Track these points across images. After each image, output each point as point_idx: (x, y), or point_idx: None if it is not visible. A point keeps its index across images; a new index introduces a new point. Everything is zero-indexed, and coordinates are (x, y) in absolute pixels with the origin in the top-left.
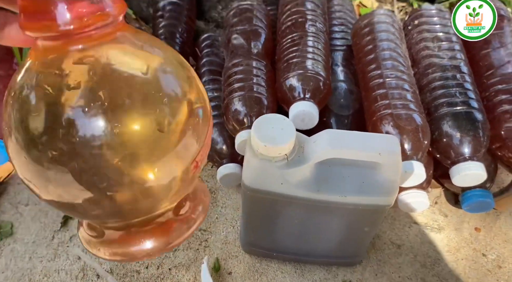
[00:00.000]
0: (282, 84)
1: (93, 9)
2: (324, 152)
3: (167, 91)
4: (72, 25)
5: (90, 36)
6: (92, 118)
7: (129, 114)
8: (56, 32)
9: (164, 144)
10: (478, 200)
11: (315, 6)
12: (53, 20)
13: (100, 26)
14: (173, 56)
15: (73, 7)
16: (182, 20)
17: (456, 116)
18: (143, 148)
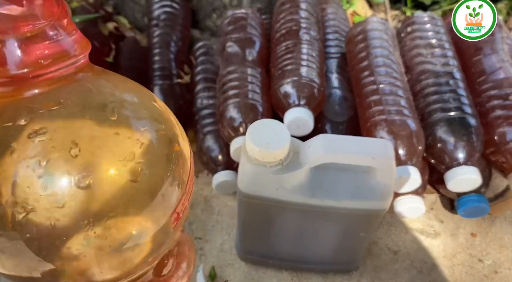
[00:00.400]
0: (277, 91)
1: (50, 50)
2: (319, 156)
3: (138, 136)
4: (26, 68)
5: (48, 79)
6: (48, 176)
7: (95, 166)
8: (8, 77)
9: (137, 198)
10: (473, 205)
11: (309, 15)
12: (4, 64)
13: (59, 68)
14: (145, 95)
15: (26, 48)
16: (177, 29)
17: (449, 121)
18: (114, 204)
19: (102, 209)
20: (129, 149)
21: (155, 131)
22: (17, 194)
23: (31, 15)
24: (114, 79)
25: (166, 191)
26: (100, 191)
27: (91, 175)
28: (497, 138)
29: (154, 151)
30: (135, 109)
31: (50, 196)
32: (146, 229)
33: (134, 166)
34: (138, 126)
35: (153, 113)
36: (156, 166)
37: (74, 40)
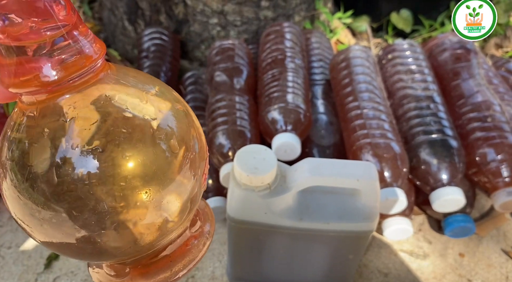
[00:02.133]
0: (264, 117)
1: (75, 56)
2: (305, 180)
3: (163, 126)
4: (56, 77)
5: (75, 83)
6: (85, 157)
7: (125, 151)
8: (41, 86)
9: (172, 168)
10: (459, 225)
11: (294, 44)
12: (37, 76)
13: (85, 72)
14: (164, 89)
15: (55, 60)
16: (166, 60)
17: (432, 143)
18: (145, 181)
19: (135, 187)
20: (155, 138)
21: (182, 104)
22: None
23: (57, 25)
24: (132, 74)
25: (201, 159)
26: (129, 171)
27: (120, 160)
28: (478, 159)
29: (183, 119)
30: (155, 102)
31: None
32: (188, 187)
33: (174, 142)
34: (163, 118)
35: (172, 93)
36: (188, 133)
37: (93, 43)
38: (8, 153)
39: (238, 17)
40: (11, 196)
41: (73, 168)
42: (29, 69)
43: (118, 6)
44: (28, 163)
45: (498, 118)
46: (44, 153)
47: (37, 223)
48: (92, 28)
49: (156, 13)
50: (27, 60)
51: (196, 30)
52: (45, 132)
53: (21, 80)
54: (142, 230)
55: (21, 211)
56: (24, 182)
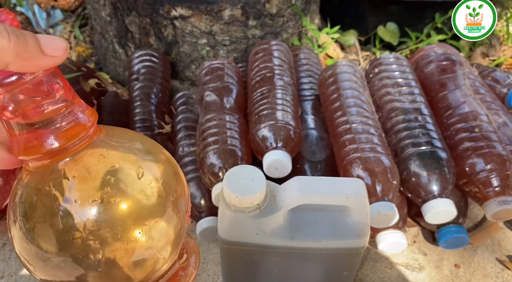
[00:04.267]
0: (255, 135)
1: (73, 126)
2: (295, 198)
3: (149, 178)
4: (58, 144)
5: (73, 147)
6: (85, 209)
7: (120, 199)
8: (45, 154)
9: (159, 210)
10: (453, 236)
11: (282, 62)
12: (42, 145)
13: (82, 138)
14: (149, 145)
15: (57, 131)
16: (156, 81)
17: (421, 155)
18: (138, 223)
19: (133, 231)
20: (151, 172)
21: (167, 162)
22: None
23: (57, 102)
24: (118, 134)
25: (183, 200)
26: (125, 216)
27: (115, 209)
28: (468, 169)
29: (167, 169)
30: (147, 151)
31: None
32: (173, 224)
33: (159, 188)
34: (151, 155)
35: (156, 146)
36: (171, 180)
37: (87, 113)
38: (19, 204)
39: (227, 36)
40: (19, 240)
41: (75, 218)
42: (35, 140)
43: (108, 29)
44: (35, 216)
45: (485, 128)
46: (50, 207)
47: (41, 264)
48: (83, 52)
49: (145, 35)
50: (34, 133)
51: (186, 51)
52: (51, 190)
53: (28, 149)
54: (137, 266)
55: (27, 253)
56: (31, 231)
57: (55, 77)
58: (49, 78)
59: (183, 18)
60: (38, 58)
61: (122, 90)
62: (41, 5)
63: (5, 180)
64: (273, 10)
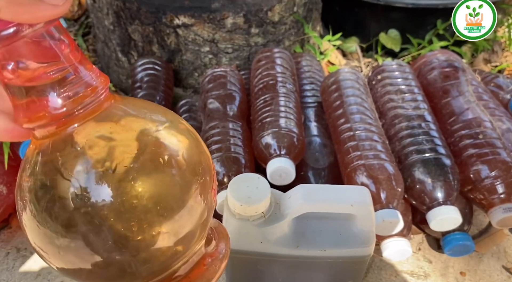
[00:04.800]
0: (258, 143)
1: (81, 87)
2: (300, 207)
3: (171, 150)
4: (65, 109)
5: (83, 113)
6: (98, 181)
7: (137, 178)
8: (51, 119)
9: (182, 186)
10: (458, 244)
11: (284, 69)
12: (48, 110)
13: (91, 102)
14: (172, 117)
15: (64, 95)
16: (159, 89)
17: (425, 162)
18: (158, 206)
19: (151, 212)
20: (165, 161)
21: (189, 132)
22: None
23: (65, 66)
24: (135, 102)
25: (209, 175)
26: (143, 197)
27: (134, 187)
28: (473, 176)
29: (193, 147)
30: (161, 127)
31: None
32: (199, 211)
33: (182, 160)
34: (170, 141)
35: (180, 121)
36: (198, 160)
37: (96, 75)
38: (27, 186)
39: (229, 44)
40: (31, 226)
41: (87, 193)
42: (40, 105)
43: (111, 38)
44: (45, 193)
45: (489, 134)
46: (59, 181)
47: (55, 250)
48: None
49: (148, 44)
50: (38, 98)
51: (189, 59)
52: (59, 162)
53: (32, 115)
54: (156, 254)
55: (40, 239)
56: (42, 211)
57: (59, 33)
58: (52, 33)
59: (186, 27)
60: (35, 5)
61: None
62: None
63: (9, 189)
64: (275, 18)
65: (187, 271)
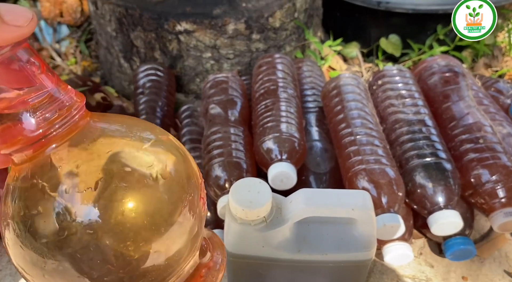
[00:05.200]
0: (259, 148)
1: (57, 109)
2: (301, 211)
3: (156, 167)
4: (41, 130)
5: (60, 133)
6: (85, 206)
7: (122, 196)
8: (27, 142)
9: (167, 199)
10: (459, 248)
11: (285, 74)
12: (23, 133)
13: (67, 121)
14: (155, 130)
15: (38, 115)
16: (161, 95)
17: (426, 167)
18: (145, 225)
19: (137, 231)
20: (145, 177)
21: (169, 142)
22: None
23: (35, 85)
24: (114, 120)
25: (195, 185)
26: (128, 216)
27: (118, 206)
28: (473, 180)
29: (175, 154)
30: (146, 132)
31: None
32: (188, 227)
33: (165, 172)
34: (148, 156)
35: (162, 132)
36: (179, 167)
37: (71, 95)
38: (11, 205)
39: (231, 50)
40: (14, 246)
41: (71, 214)
42: (15, 130)
43: (113, 44)
44: (28, 214)
45: (490, 139)
46: (41, 203)
47: (39, 273)
48: (88, 66)
49: (150, 50)
50: (13, 123)
51: (190, 65)
52: (39, 183)
53: (7, 140)
54: (147, 271)
55: (23, 261)
56: (26, 232)
57: (27, 54)
58: (20, 55)
59: (188, 33)
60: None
61: (127, 103)
62: (48, 21)
63: None
64: (276, 24)
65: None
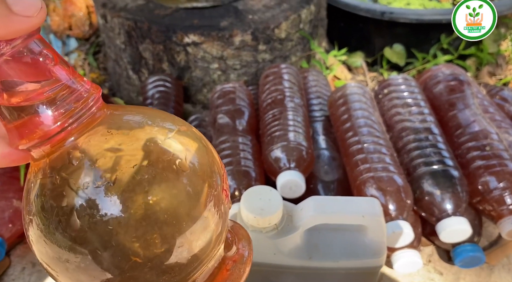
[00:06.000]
0: (268, 156)
1: (73, 100)
2: (311, 218)
3: (180, 158)
4: (58, 123)
5: (77, 126)
6: (107, 199)
7: (146, 188)
8: (45, 137)
9: (190, 192)
10: (468, 255)
11: (292, 84)
12: (40, 128)
13: (84, 113)
14: (176, 121)
15: (55, 109)
16: (170, 106)
17: (433, 174)
18: (170, 219)
19: (160, 225)
20: (172, 172)
21: (191, 133)
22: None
23: (50, 77)
24: (134, 110)
25: (218, 176)
26: (152, 210)
27: (141, 199)
28: (481, 187)
29: (204, 155)
30: (166, 123)
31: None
32: (212, 223)
33: (186, 164)
34: (174, 148)
35: (183, 123)
36: (202, 159)
37: (86, 85)
38: (33, 201)
39: (237, 61)
40: (37, 241)
41: (93, 208)
42: (33, 124)
43: (122, 56)
44: (50, 209)
45: (496, 146)
46: (62, 197)
47: (62, 267)
48: (97, 78)
49: (159, 61)
50: (30, 117)
51: (198, 75)
52: (60, 178)
53: (24, 135)
54: (170, 268)
55: (47, 255)
56: (49, 226)
57: (39, 46)
58: (32, 47)
59: (195, 45)
60: (6, 19)
61: None
62: (57, 34)
63: None
64: (282, 35)
65: (209, 277)
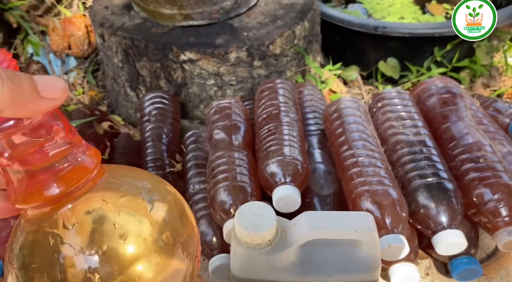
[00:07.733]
0: (263, 171)
1: (76, 173)
2: (305, 234)
3: (155, 222)
4: (59, 190)
5: (76, 192)
6: (87, 259)
7: (122, 248)
8: (45, 201)
9: (165, 257)
10: (465, 268)
11: (287, 99)
12: (41, 192)
13: (85, 182)
14: (155, 183)
15: (58, 175)
16: (167, 122)
17: (428, 187)
18: (142, 271)
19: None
20: (157, 215)
21: (174, 204)
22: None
23: (58, 146)
24: (123, 173)
25: (192, 244)
26: (129, 267)
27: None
28: (476, 199)
29: (174, 210)
30: (152, 194)
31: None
32: (183, 267)
33: (166, 233)
34: (157, 195)
35: (162, 185)
36: (179, 229)
37: (89, 154)
38: (17, 253)
39: (233, 77)
40: None
41: (75, 270)
42: (34, 187)
43: (120, 74)
44: (33, 267)
45: (490, 158)
46: (48, 258)
47: None
48: (95, 96)
49: (156, 79)
50: (33, 179)
51: (195, 92)
52: (50, 240)
53: (27, 197)
54: None
55: None
56: (28, 281)
57: (54, 119)
58: (49, 120)
59: (192, 62)
60: (35, 102)
61: (134, 131)
62: (56, 53)
63: None
64: (277, 51)
65: None
